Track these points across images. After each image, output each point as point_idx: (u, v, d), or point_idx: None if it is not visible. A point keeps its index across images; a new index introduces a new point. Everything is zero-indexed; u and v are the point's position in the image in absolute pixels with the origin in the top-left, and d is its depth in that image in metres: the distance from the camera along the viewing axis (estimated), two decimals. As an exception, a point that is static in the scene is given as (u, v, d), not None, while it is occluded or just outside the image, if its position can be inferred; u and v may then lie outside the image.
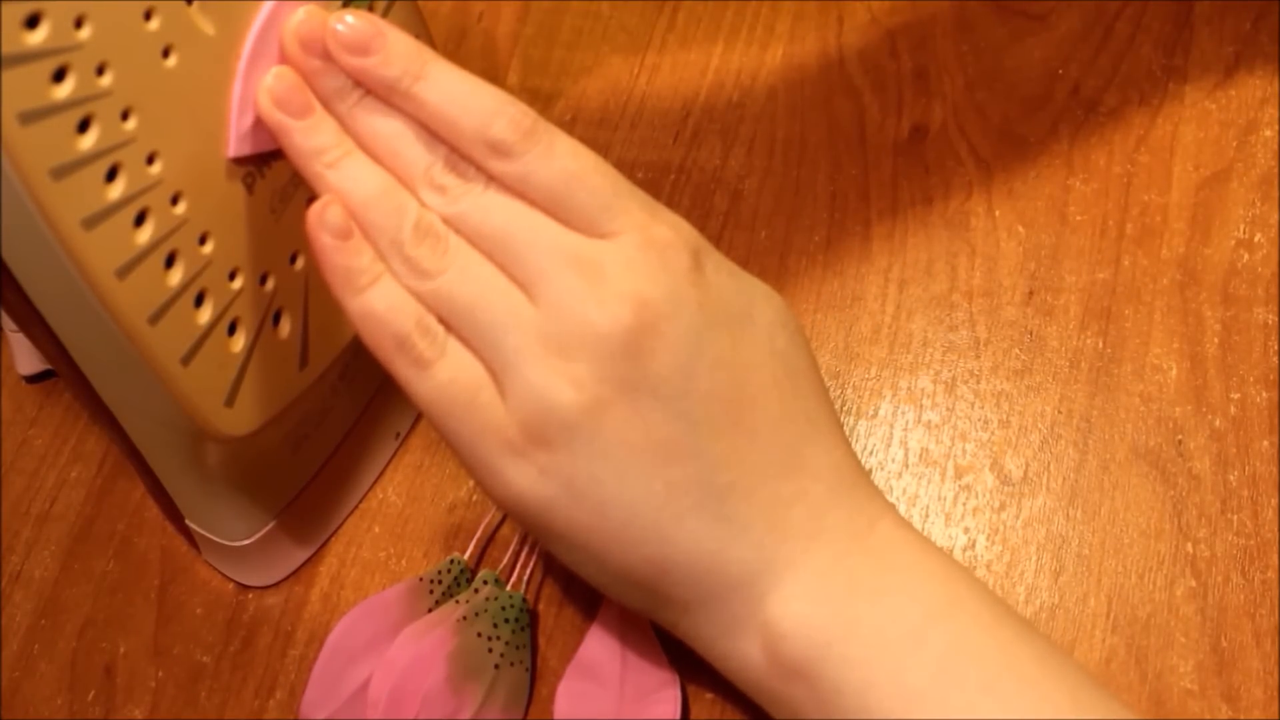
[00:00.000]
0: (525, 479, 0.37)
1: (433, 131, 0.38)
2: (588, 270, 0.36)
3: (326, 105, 0.38)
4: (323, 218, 0.37)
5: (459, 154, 0.38)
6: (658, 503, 0.37)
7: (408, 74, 0.37)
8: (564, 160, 0.37)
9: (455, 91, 0.37)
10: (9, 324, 0.53)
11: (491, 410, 0.37)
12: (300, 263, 0.42)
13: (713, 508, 0.37)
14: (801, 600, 0.37)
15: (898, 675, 0.36)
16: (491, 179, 0.38)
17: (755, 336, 0.38)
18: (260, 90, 0.38)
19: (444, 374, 0.38)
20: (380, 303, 0.38)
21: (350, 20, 0.38)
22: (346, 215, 0.38)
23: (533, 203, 0.37)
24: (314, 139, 0.38)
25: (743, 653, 0.39)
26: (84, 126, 0.35)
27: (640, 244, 0.37)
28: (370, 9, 0.42)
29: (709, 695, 0.45)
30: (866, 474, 0.41)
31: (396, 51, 0.38)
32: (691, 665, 0.46)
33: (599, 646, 0.46)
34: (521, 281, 0.37)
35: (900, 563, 0.38)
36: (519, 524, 0.44)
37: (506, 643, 0.45)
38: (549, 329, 0.36)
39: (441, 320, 0.38)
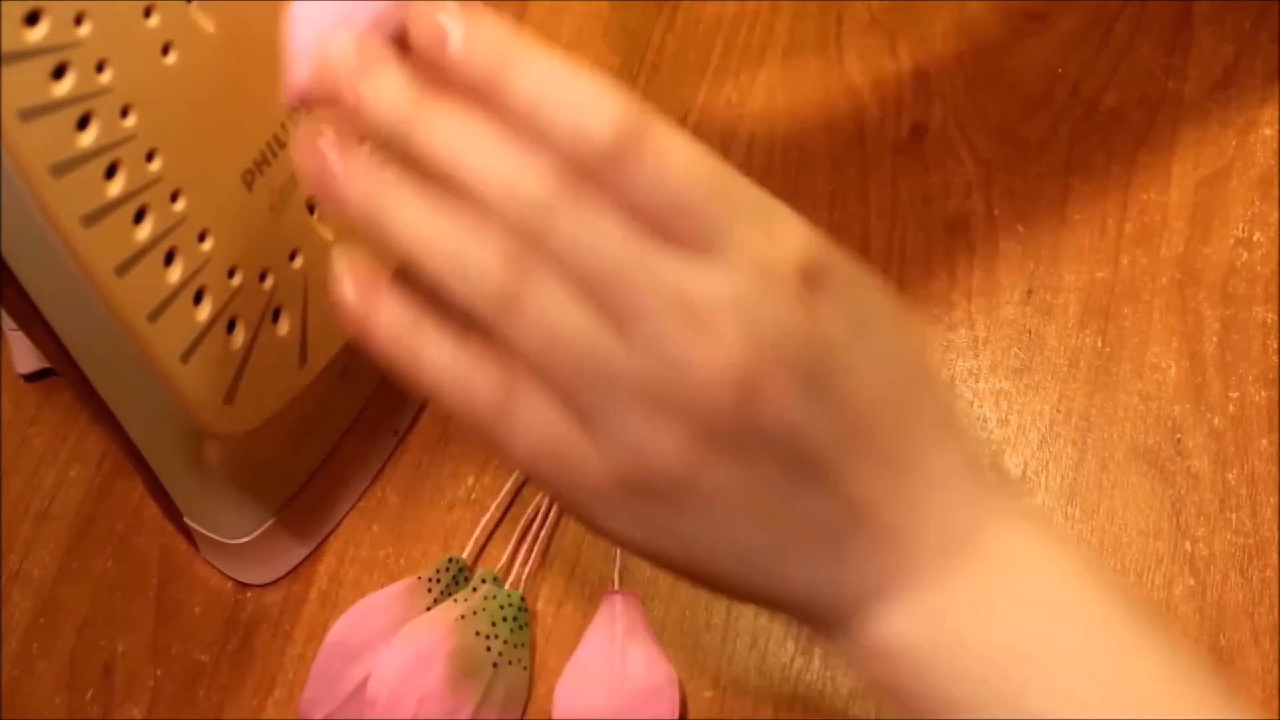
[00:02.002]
0: (623, 524, 0.34)
1: (513, 131, 0.32)
2: (691, 312, 0.32)
3: (380, 125, 0.33)
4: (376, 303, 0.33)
5: (547, 157, 0.32)
6: (767, 546, 0.34)
7: (495, 66, 0.32)
8: (676, 172, 0.32)
9: (548, 84, 0.32)
10: (8, 322, 0.53)
11: (582, 461, 0.33)
12: (299, 261, 0.42)
13: (826, 544, 0.34)
14: (910, 616, 0.36)
15: (1010, 695, 0.35)
16: (584, 187, 0.32)
17: (871, 352, 0.35)
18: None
19: (525, 423, 0.33)
20: (450, 369, 0.34)
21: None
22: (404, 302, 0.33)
23: (632, 214, 0.32)
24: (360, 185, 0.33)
25: (842, 652, 0.37)
26: (84, 123, 0.35)
27: (751, 273, 0.32)
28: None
29: (708, 695, 0.45)
30: (993, 465, 0.38)
31: (482, 39, 0.32)
32: (691, 665, 0.46)
33: (598, 646, 0.46)
34: (613, 314, 0.32)
35: (1020, 573, 0.35)
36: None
37: (505, 641, 0.45)
38: (645, 376, 0.32)
39: (518, 354, 0.33)
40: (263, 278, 0.41)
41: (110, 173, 0.36)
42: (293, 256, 0.42)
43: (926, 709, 0.35)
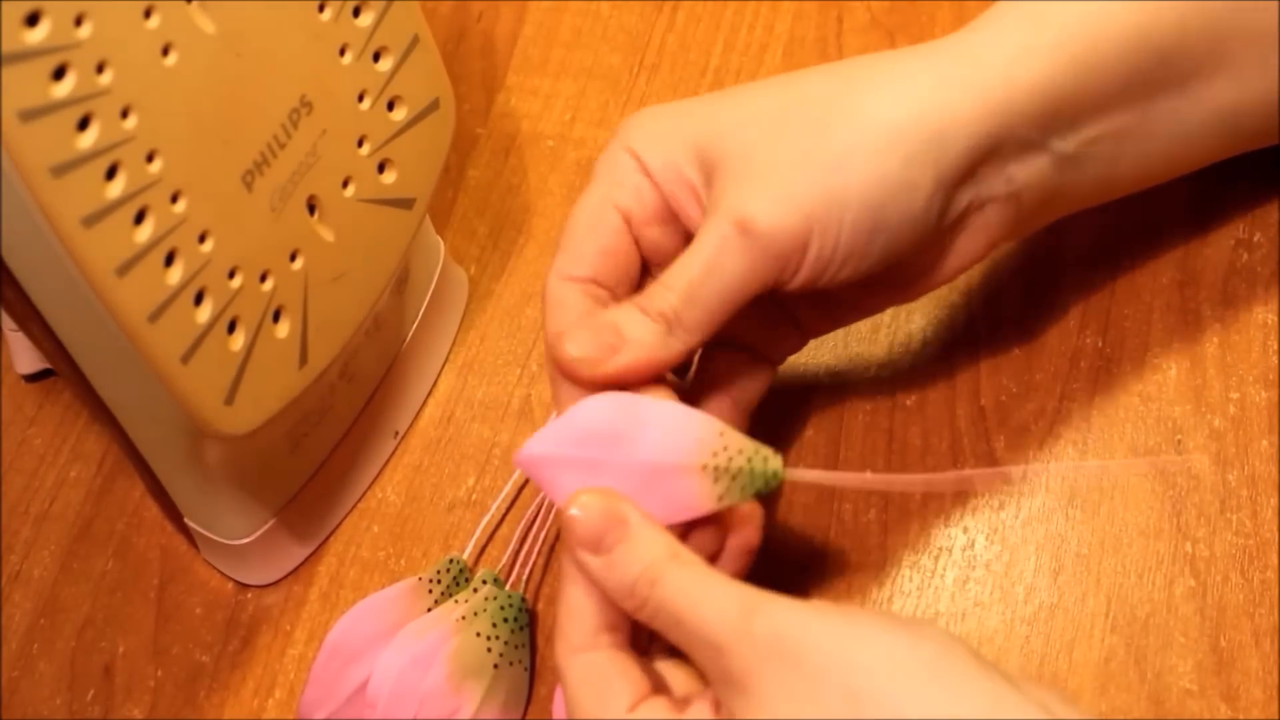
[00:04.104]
0: None
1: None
2: None
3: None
4: None
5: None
6: None
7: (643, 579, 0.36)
8: None
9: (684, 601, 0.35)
10: (8, 323, 0.53)
11: None
12: (299, 262, 0.42)
13: None
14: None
15: None
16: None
17: None
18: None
19: None
20: None
21: (587, 503, 0.37)
22: None
23: None
24: None
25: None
26: (84, 125, 0.35)
27: None
28: (363, 8, 0.42)
29: (708, 694, 0.45)
30: None
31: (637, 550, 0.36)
32: (691, 664, 0.46)
33: (598, 646, 0.46)
34: None
35: None
36: None
37: (505, 642, 0.45)
38: None
39: None
40: (263, 279, 0.41)
41: (110, 174, 0.36)
42: (293, 257, 0.42)
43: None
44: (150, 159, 0.36)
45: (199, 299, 0.39)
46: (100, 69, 0.35)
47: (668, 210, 0.42)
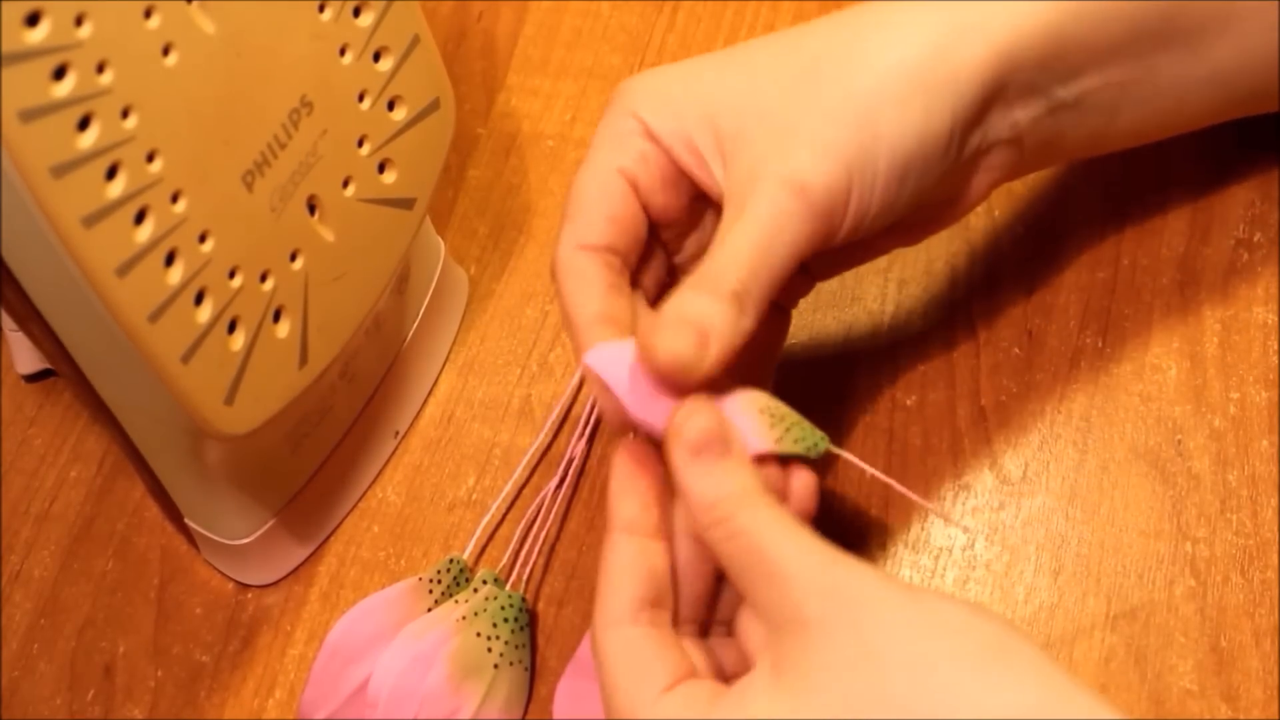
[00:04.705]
0: None
1: None
2: None
3: None
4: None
5: None
6: None
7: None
8: None
9: None
10: (8, 323, 0.53)
11: None
12: (299, 262, 0.42)
13: None
14: None
15: None
16: None
17: None
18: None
19: None
20: None
21: (702, 408, 0.37)
22: None
23: None
24: None
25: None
26: (84, 124, 0.35)
27: None
28: (363, 8, 0.42)
29: (708, 694, 0.45)
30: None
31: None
32: (691, 664, 0.46)
33: (598, 646, 0.46)
34: None
35: None
36: None
37: (506, 642, 0.45)
38: None
39: None
40: (263, 279, 0.41)
41: (111, 174, 0.36)
42: (293, 257, 0.42)
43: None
44: (150, 159, 0.36)
45: (199, 299, 0.39)
46: (100, 69, 0.35)
47: (675, 173, 0.41)
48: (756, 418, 0.38)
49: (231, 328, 0.40)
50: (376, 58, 0.43)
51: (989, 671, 0.32)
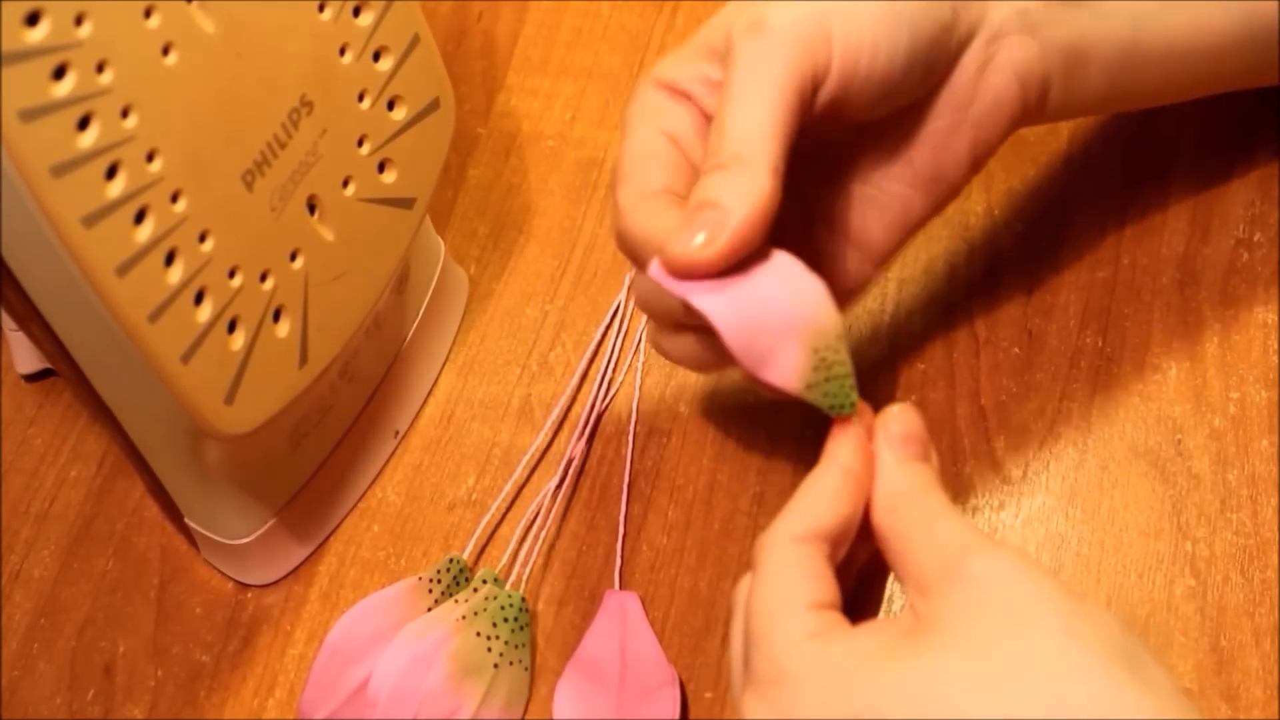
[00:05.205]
0: None
1: None
2: None
3: None
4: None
5: None
6: None
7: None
8: None
9: None
10: (8, 323, 0.53)
11: None
12: (299, 261, 0.42)
13: None
14: None
15: None
16: None
17: None
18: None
19: None
20: None
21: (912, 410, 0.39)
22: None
23: None
24: None
25: None
26: (84, 124, 0.35)
27: None
28: (363, 8, 0.42)
29: (709, 695, 0.45)
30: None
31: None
32: (691, 666, 0.46)
33: (598, 645, 0.46)
34: None
35: None
36: None
37: (506, 642, 0.45)
38: None
39: None
40: (263, 278, 0.41)
41: (111, 173, 0.36)
42: (293, 257, 0.42)
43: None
44: (150, 158, 0.36)
45: (199, 298, 0.39)
46: (100, 68, 0.35)
47: (708, 120, 0.41)
48: (807, 356, 0.37)
49: (231, 327, 0.40)
50: (376, 57, 0.43)
51: (1127, 685, 0.32)
